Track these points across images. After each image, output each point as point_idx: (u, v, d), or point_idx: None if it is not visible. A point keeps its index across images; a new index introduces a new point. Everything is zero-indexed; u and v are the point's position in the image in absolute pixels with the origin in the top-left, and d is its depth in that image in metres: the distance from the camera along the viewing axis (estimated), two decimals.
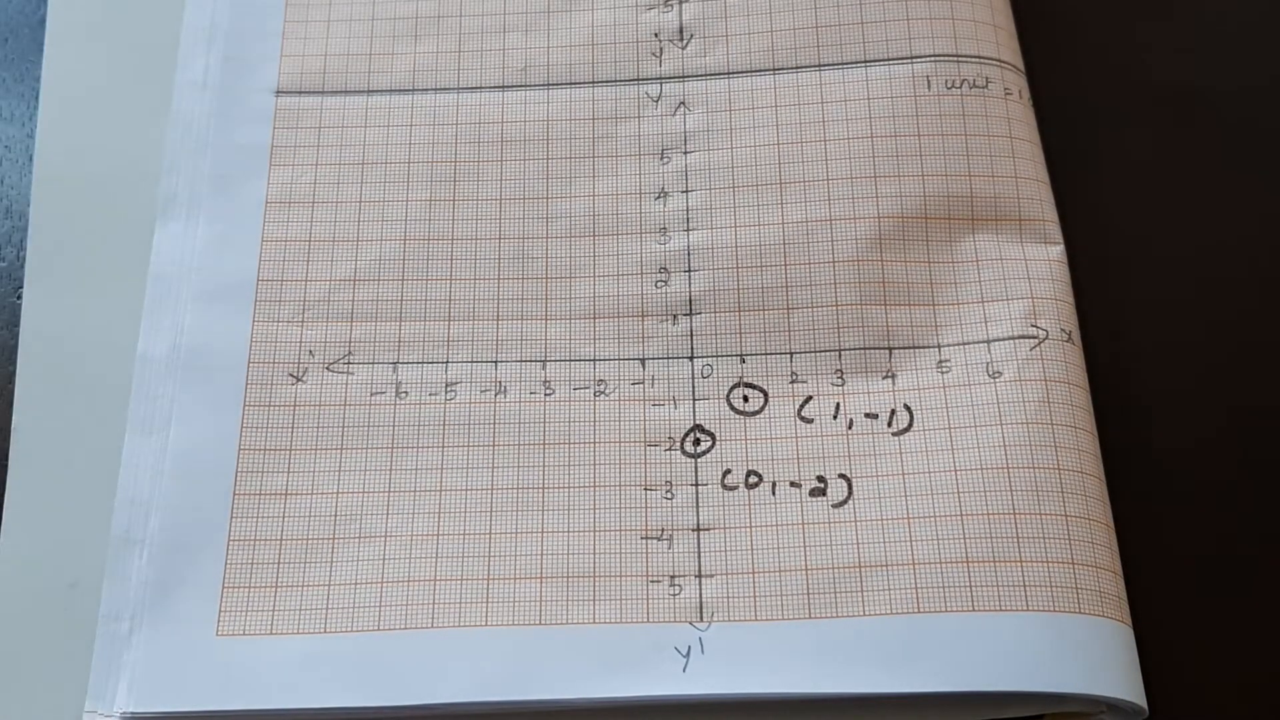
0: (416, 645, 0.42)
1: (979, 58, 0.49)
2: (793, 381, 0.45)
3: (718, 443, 0.44)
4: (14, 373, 0.45)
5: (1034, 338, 0.45)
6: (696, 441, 0.44)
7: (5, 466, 0.44)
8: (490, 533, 0.43)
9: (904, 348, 0.45)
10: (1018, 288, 0.46)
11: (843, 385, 0.45)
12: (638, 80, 0.49)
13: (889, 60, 0.49)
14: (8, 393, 0.45)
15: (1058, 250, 0.46)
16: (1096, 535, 0.42)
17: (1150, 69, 0.51)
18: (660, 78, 0.49)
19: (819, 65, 0.50)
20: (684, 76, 0.49)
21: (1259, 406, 0.46)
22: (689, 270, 0.46)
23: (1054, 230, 0.47)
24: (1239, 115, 0.51)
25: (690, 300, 0.46)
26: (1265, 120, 0.51)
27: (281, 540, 0.43)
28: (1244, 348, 0.47)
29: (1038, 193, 0.47)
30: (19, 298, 0.46)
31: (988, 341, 0.45)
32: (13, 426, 0.44)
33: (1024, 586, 0.41)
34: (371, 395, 0.45)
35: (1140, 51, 0.51)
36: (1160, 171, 0.50)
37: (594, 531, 0.43)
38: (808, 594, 0.42)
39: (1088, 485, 0.43)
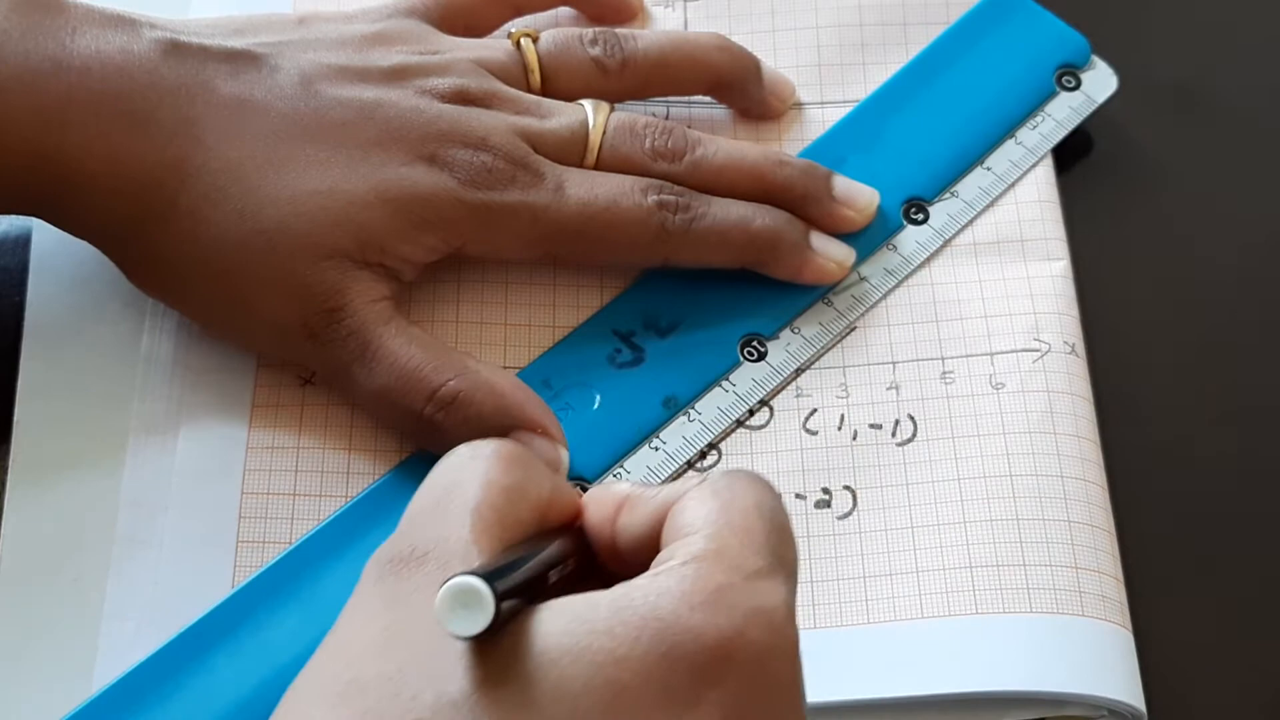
0: None
1: None
2: (798, 395, 0.46)
3: (724, 457, 0.45)
4: (16, 372, 0.44)
5: (1037, 350, 0.46)
6: (703, 455, 0.45)
7: (6, 468, 0.43)
8: None
9: (907, 360, 0.46)
10: (1020, 303, 0.47)
11: (847, 398, 0.46)
12: None
13: None
14: (10, 392, 0.44)
15: (1061, 265, 0.48)
16: (1099, 541, 0.43)
17: (1150, 69, 0.52)
18: None
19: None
20: None
21: (1261, 414, 0.47)
22: None
23: (1058, 247, 0.48)
24: (1239, 115, 0.52)
25: None
26: (1266, 120, 0.52)
27: (290, 541, 0.42)
28: (1246, 354, 0.48)
29: (1041, 213, 0.48)
30: (21, 296, 0.46)
31: (990, 354, 0.46)
32: (14, 422, 0.43)
33: (1027, 590, 0.42)
34: None
35: (1140, 51, 0.52)
36: (1161, 173, 0.51)
37: None
38: (813, 605, 0.42)
39: (1090, 492, 0.44)
